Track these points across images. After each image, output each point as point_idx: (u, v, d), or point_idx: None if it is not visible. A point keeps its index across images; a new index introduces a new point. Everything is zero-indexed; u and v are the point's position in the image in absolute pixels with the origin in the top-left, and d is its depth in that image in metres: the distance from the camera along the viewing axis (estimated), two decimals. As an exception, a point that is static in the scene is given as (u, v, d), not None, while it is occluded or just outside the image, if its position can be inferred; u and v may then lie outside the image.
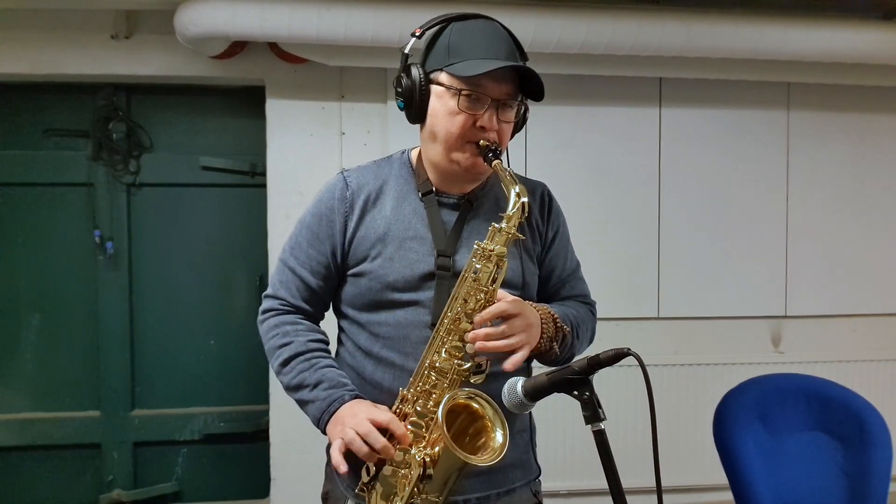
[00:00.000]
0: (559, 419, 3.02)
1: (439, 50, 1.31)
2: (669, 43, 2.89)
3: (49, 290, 3.25)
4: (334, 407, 1.29)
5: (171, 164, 3.28)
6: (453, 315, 1.24)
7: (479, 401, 1.23)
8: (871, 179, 3.51)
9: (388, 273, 1.33)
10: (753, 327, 3.44)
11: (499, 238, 1.24)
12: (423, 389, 1.25)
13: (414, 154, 1.45)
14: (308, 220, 1.42)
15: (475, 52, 1.27)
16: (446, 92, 1.29)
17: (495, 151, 1.28)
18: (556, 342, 1.33)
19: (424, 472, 1.18)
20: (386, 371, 1.35)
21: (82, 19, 3.01)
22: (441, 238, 1.35)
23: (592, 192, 3.30)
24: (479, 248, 1.25)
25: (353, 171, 1.43)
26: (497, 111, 1.29)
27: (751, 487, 1.94)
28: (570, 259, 1.53)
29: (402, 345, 1.33)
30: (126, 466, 3.29)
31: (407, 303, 1.33)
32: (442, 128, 1.30)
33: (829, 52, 3.00)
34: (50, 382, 3.26)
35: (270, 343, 1.40)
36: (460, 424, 1.24)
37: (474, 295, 1.24)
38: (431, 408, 1.24)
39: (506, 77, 1.28)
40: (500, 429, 1.20)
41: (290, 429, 3.08)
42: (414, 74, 1.31)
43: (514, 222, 1.25)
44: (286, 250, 1.44)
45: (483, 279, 1.24)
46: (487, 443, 1.21)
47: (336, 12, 2.68)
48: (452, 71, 1.27)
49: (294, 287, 1.41)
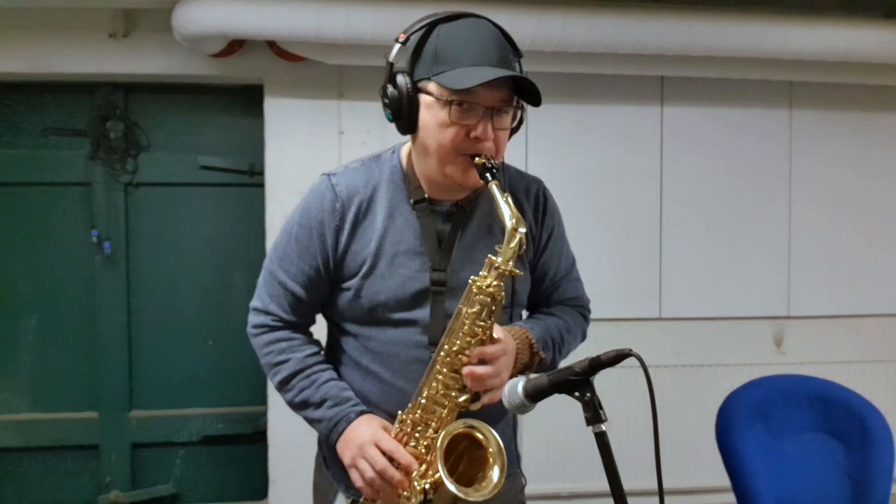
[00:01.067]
0: (560, 420, 3.00)
1: (426, 57, 1.23)
2: (671, 41, 2.88)
3: (46, 290, 3.24)
4: (342, 427, 1.30)
5: (169, 163, 3.27)
6: (449, 349, 1.24)
7: (484, 432, 1.26)
8: (874, 178, 3.50)
9: (380, 292, 1.31)
10: (756, 328, 3.43)
11: (494, 273, 1.21)
12: (421, 417, 1.26)
13: (404, 153, 1.38)
14: (296, 231, 1.36)
15: (464, 59, 1.20)
16: (436, 102, 1.21)
17: (492, 170, 1.21)
18: (530, 369, 1.34)
19: (425, 498, 1.22)
20: (374, 385, 1.35)
21: (80, 18, 3.00)
22: (434, 251, 1.31)
23: (593, 192, 3.29)
24: (474, 284, 1.22)
25: (340, 176, 1.35)
26: (492, 119, 1.22)
27: (753, 489, 1.94)
28: (564, 259, 1.50)
29: (392, 362, 1.33)
30: (124, 468, 3.28)
31: (399, 322, 1.32)
32: (433, 140, 1.23)
33: (832, 51, 3.00)
34: (48, 383, 3.25)
35: (266, 359, 1.39)
36: (461, 449, 1.27)
37: (471, 330, 1.23)
38: (430, 434, 1.25)
39: (500, 82, 1.19)
40: (498, 467, 1.23)
41: (289, 430, 3.06)
42: (400, 84, 1.23)
43: (511, 256, 1.21)
44: (273, 260, 1.39)
45: (480, 313, 1.22)
46: (484, 475, 1.24)
47: (335, 10, 2.67)
48: (441, 81, 1.20)
49: (286, 303, 1.37)
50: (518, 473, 1.49)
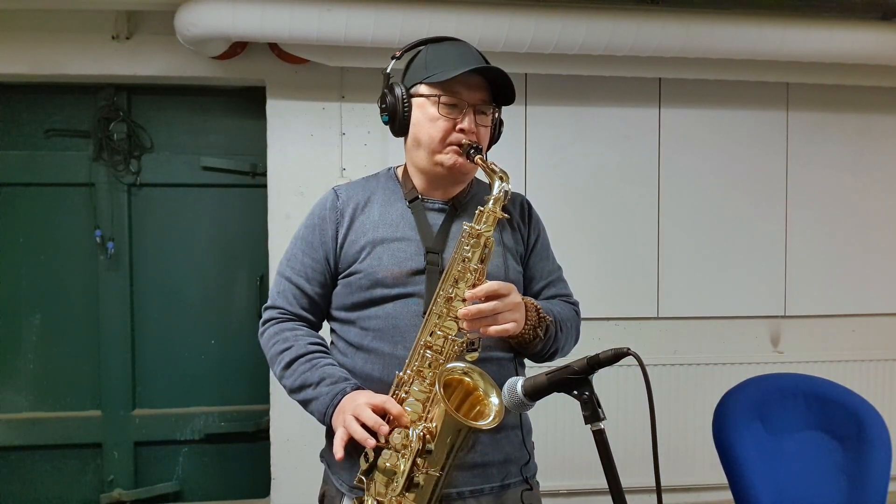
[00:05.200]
0: (559, 419, 3.02)
1: (417, 67, 1.44)
2: (669, 43, 2.89)
3: (50, 290, 3.25)
4: (338, 399, 1.33)
5: (171, 164, 3.29)
6: (445, 294, 1.29)
7: (472, 375, 1.26)
8: (870, 179, 3.52)
9: (378, 270, 1.39)
10: (752, 327, 3.45)
11: (485, 218, 1.31)
12: (418, 369, 1.28)
13: (399, 170, 1.53)
14: (302, 232, 1.50)
15: (449, 64, 1.39)
16: (426, 101, 1.40)
17: (476, 148, 1.37)
18: (540, 330, 1.37)
19: (423, 446, 1.19)
20: (376, 362, 1.38)
21: (83, 20, 3.02)
22: (429, 237, 1.42)
23: (592, 193, 3.31)
24: (468, 228, 1.31)
25: (342, 187, 1.52)
26: (474, 115, 1.39)
27: (750, 487, 1.94)
28: (552, 263, 1.58)
29: (392, 334, 1.37)
30: (127, 466, 3.29)
31: (396, 296, 1.38)
32: (425, 133, 1.40)
33: (828, 53, 3.01)
34: (51, 382, 3.27)
35: (272, 350, 1.44)
36: (455, 400, 1.26)
37: (465, 275, 1.29)
38: (427, 387, 1.26)
39: (479, 86, 1.40)
40: (494, 395, 1.23)
41: (291, 428, 3.08)
42: (396, 91, 1.43)
43: (499, 205, 1.32)
44: (283, 264, 1.50)
45: (473, 258, 1.29)
46: (484, 410, 1.23)
47: (336, 13, 2.68)
48: (430, 80, 1.39)
49: (291, 295, 1.46)
50: (535, 484, 1.49)
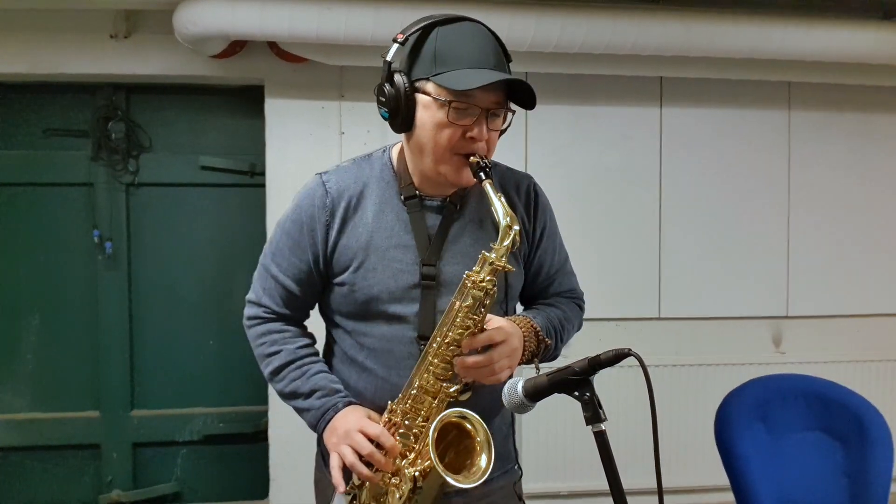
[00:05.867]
0: (560, 420, 3.01)
1: (425, 57, 1.25)
2: (670, 42, 2.89)
3: (48, 290, 3.24)
4: (329, 416, 1.32)
5: (170, 163, 3.28)
6: (442, 341, 1.24)
7: (473, 423, 1.26)
8: (872, 179, 3.51)
9: (373, 285, 1.32)
10: (754, 328, 3.44)
11: (488, 268, 1.22)
12: (411, 406, 1.27)
13: (395, 152, 1.40)
14: (288, 226, 1.40)
15: (463, 61, 1.22)
16: (434, 103, 1.24)
17: (485, 169, 1.24)
18: (538, 356, 1.35)
19: (415, 485, 1.22)
20: (368, 382, 1.36)
21: (81, 19, 3.00)
22: (425, 246, 1.33)
23: (593, 192, 3.30)
24: (468, 279, 1.22)
25: (331, 174, 1.38)
26: (486, 120, 1.25)
27: (752, 488, 1.94)
28: (558, 253, 1.52)
29: (386, 358, 1.34)
30: (125, 467, 3.29)
31: (392, 317, 1.33)
32: (430, 140, 1.26)
33: (830, 52, 3.01)
34: (49, 383, 3.26)
35: (259, 350, 1.42)
36: (450, 438, 1.27)
37: (463, 322, 1.23)
38: (420, 423, 1.26)
39: (496, 85, 1.21)
40: (486, 454, 1.24)
41: (290, 429, 3.06)
42: (398, 83, 1.25)
43: (504, 252, 1.22)
44: (267, 255, 1.43)
45: (472, 307, 1.22)
46: (472, 462, 1.24)
47: (336, 11, 2.67)
48: (441, 82, 1.22)
49: (277, 295, 1.41)
50: (515, 469, 1.50)
